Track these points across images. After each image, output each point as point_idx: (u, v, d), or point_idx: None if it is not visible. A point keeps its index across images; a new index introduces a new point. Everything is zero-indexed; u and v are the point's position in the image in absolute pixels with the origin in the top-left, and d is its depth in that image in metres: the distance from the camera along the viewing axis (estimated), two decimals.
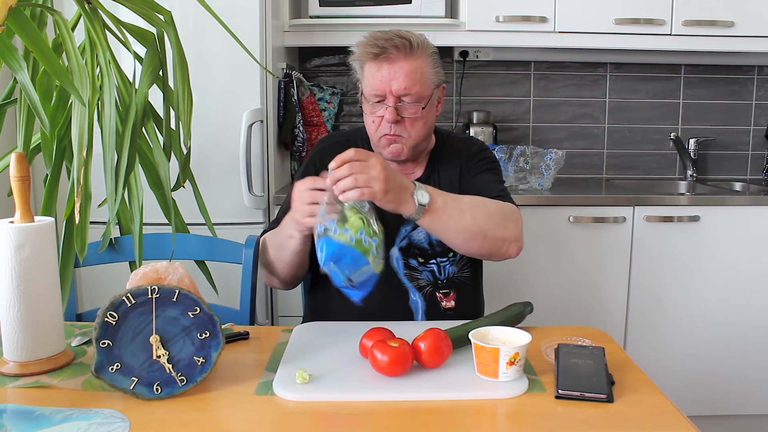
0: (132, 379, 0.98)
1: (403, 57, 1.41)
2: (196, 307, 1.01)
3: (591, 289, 2.37)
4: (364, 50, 1.43)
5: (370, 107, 1.45)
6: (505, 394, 1.00)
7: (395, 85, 1.40)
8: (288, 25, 2.51)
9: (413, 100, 1.42)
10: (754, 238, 2.36)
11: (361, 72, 1.47)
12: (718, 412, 2.44)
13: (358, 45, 1.46)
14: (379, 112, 1.44)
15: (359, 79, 1.50)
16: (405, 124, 1.44)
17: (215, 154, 2.16)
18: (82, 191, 1.31)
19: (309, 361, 1.10)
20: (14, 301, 1.05)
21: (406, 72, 1.40)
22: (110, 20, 1.44)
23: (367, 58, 1.43)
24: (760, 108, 2.94)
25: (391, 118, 1.41)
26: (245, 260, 1.58)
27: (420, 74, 1.42)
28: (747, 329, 2.40)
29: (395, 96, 1.41)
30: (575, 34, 2.50)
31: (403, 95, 1.41)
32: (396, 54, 1.40)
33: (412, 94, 1.41)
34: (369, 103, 1.45)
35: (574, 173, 2.94)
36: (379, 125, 1.45)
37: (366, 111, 1.47)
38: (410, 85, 1.41)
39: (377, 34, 1.44)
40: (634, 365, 1.13)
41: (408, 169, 1.54)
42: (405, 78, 1.40)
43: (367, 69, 1.44)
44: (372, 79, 1.42)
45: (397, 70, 1.40)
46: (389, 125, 1.43)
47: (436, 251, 1.48)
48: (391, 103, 1.41)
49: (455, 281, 1.49)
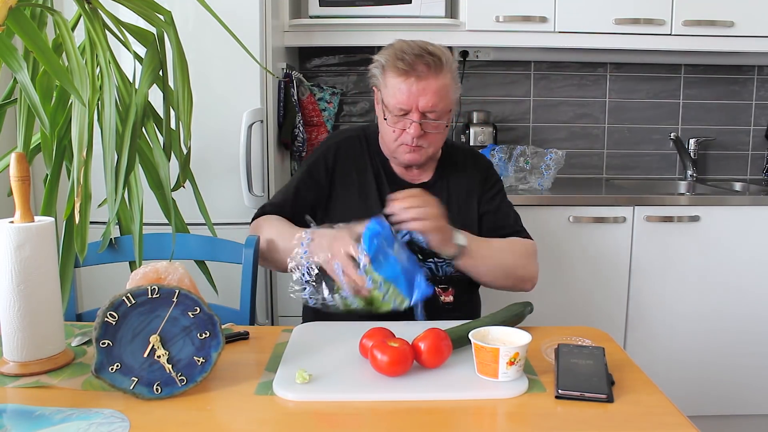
0: (132, 379, 0.98)
1: (432, 75, 1.41)
2: (196, 307, 1.01)
3: (591, 289, 2.37)
4: (393, 64, 1.42)
5: (393, 119, 1.45)
6: (505, 394, 1.00)
7: (422, 102, 1.41)
8: (288, 25, 2.50)
9: (437, 117, 1.44)
10: (754, 238, 2.36)
11: (383, 80, 1.46)
12: (718, 412, 2.44)
13: (385, 55, 1.45)
14: (401, 125, 1.45)
15: (378, 85, 1.49)
16: (426, 137, 1.46)
17: (215, 154, 2.16)
18: (82, 191, 1.31)
19: (309, 361, 1.10)
20: (14, 301, 1.05)
21: (434, 90, 1.41)
22: (110, 20, 1.44)
23: (394, 71, 1.43)
24: (760, 108, 2.94)
25: (417, 133, 1.43)
26: (245, 260, 1.58)
27: (446, 91, 1.43)
28: (747, 329, 2.40)
29: (420, 112, 1.42)
30: (575, 34, 2.50)
31: (428, 111, 1.43)
32: (426, 72, 1.40)
33: (438, 111, 1.43)
34: (392, 114, 1.45)
35: (574, 173, 2.94)
36: (399, 135, 1.46)
37: (385, 120, 1.48)
38: (437, 103, 1.42)
39: (405, 46, 1.43)
40: (634, 365, 1.13)
41: (415, 174, 1.57)
42: (433, 96, 1.41)
43: (393, 81, 1.43)
44: (398, 93, 1.42)
45: (425, 87, 1.41)
46: (412, 138, 1.44)
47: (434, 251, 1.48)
48: (417, 119, 1.42)
49: (453, 279, 1.52)
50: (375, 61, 1.49)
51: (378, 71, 1.48)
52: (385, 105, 1.47)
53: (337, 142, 1.61)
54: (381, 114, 1.50)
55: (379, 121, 1.53)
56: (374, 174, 1.57)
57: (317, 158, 1.58)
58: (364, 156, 1.59)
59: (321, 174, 1.56)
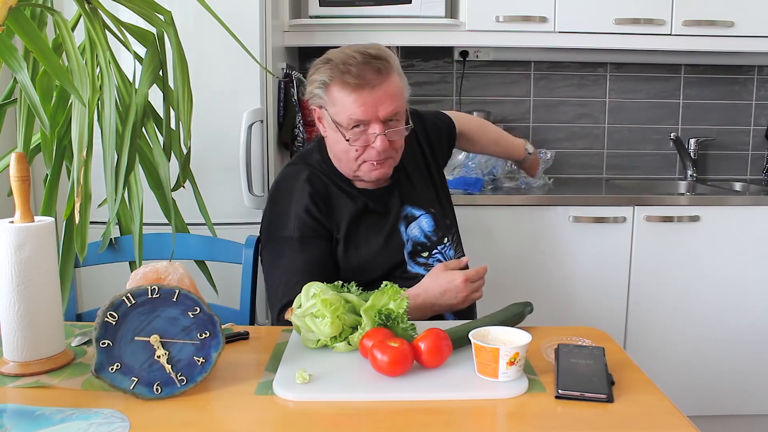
0: (132, 379, 0.98)
1: (385, 79, 1.32)
2: (196, 307, 1.01)
3: (591, 289, 2.37)
4: (339, 79, 1.31)
5: (353, 137, 1.34)
6: (505, 394, 1.00)
7: (383, 111, 1.32)
8: (288, 25, 2.51)
9: (399, 120, 1.36)
10: (754, 238, 2.36)
11: (328, 98, 1.35)
12: (718, 412, 2.44)
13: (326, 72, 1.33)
14: (362, 141, 1.35)
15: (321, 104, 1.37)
16: (392, 145, 1.38)
17: (215, 154, 2.15)
18: (82, 191, 1.31)
19: (309, 361, 1.10)
20: (14, 301, 1.05)
21: (390, 95, 1.32)
22: (110, 20, 1.44)
23: (342, 87, 1.32)
24: (760, 108, 2.94)
25: (384, 146, 1.34)
26: (245, 260, 1.58)
27: (400, 92, 1.35)
28: (747, 329, 2.40)
29: (382, 122, 1.33)
30: (575, 34, 2.50)
31: (390, 119, 1.34)
32: (377, 78, 1.31)
33: (398, 114, 1.35)
34: (349, 130, 1.34)
35: (574, 173, 2.94)
36: (362, 153, 1.37)
37: (339, 139, 1.36)
38: (397, 106, 1.34)
39: (345, 57, 1.31)
40: (634, 365, 1.13)
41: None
42: (391, 101, 1.33)
43: (342, 97, 1.32)
44: (352, 107, 1.31)
45: (381, 95, 1.31)
46: (378, 153, 1.35)
47: (434, 241, 1.51)
48: (380, 130, 1.33)
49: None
50: (313, 81, 1.36)
51: (320, 90, 1.35)
52: (337, 123, 1.35)
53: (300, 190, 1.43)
54: (335, 134, 1.37)
55: (331, 142, 1.41)
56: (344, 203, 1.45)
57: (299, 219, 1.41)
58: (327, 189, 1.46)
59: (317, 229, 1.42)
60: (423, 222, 1.51)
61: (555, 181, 2.68)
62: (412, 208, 1.51)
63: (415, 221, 1.51)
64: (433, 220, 1.52)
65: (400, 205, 1.50)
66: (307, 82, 1.39)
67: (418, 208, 1.52)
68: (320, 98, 1.37)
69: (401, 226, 1.50)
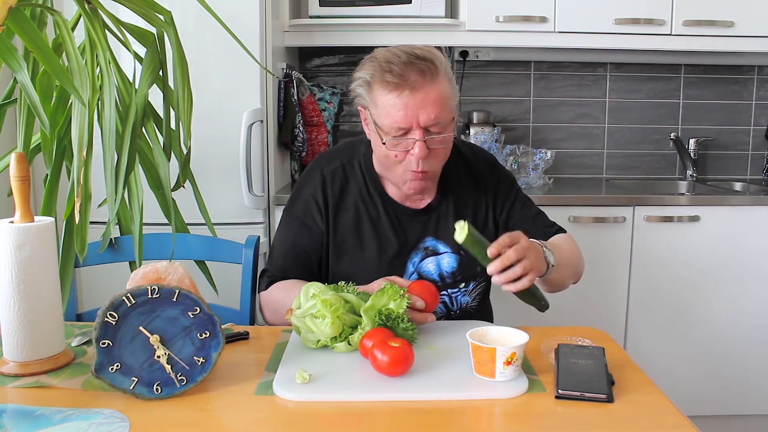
0: (132, 379, 0.98)
1: (428, 83, 1.22)
2: (196, 307, 1.01)
3: (591, 289, 2.37)
4: (380, 78, 1.24)
5: (392, 141, 1.26)
6: (506, 394, 1.00)
7: (423, 117, 1.23)
8: (288, 25, 2.51)
9: (442, 129, 1.26)
10: (754, 238, 2.36)
11: (370, 98, 1.28)
12: (718, 412, 2.44)
13: (369, 70, 1.27)
14: (402, 146, 1.26)
15: (365, 105, 1.31)
16: (432, 155, 1.28)
17: (215, 154, 2.16)
18: (82, 191, 1.31)
19: (309, 361, 1.10)
20: (14, 301, 1.05)
21: (432, 99, 1.23)
22: (110, 20, 1.44)
23: (383, 87, 1.24)
24: (760, 108, 2.94)
25: (423, 154, 1.25)
26: (245, 260, 1.58)
27: (445, 98, 1.25)
28: (747, 329, 2.40)
29: (422, 128, 1.24)
30: (575, 34, 2.50)
31: (431, 125, 1.24)
32: (420, 80, 1.22)
33: (442, 122, 1.25)
34: (389, 136, 1.26)
35: (574, 173, 2.94)
36: (402, 159, 1.28)
37: (381, 144, 1.28)
38: (439, 113, 1.24)
39: (389, 55, 1.25)
40: (634, 365, 1.13)
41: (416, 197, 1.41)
42: (433, 106, 1.23)
43: (382, 98, 1.24)
44: (392, 111, 1.23)
45: (422, 99, 1.22)
46: (417, 161, 1.26)
47: (447, 283, 1.41)
48: (420, 137, 1.24)
49: (468, 310, 1.45)
50: (356, 78, 1.30)
51: (363, 89, 1.29)
52: (378, 126, 1.27)
53: (321, 176, 1.42)
54: (375, 137, 1.30)
55: (374, 144, 1.34)
56: (369, 205, 1.41)
57: (306, 203, 1.41)
58: (354, 186, 1.42)
59: (315, 219, 1.41)
60: (445, 260, 1.41)
61: (555, 181, 2.68)
62: (437, 242, 1.42)
63: (434, 257, 1.41)
64: (457, 263, 1.41)
65: (422, 233, 1.41)
66: (352, 78, 1.33)
67: (446, 244, 1.41)
68: (363, 98, 1.30)
69: (414, 255, 1.41)
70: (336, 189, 1.42)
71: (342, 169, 1.43)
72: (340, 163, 1.44)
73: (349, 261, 1.41)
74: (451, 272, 1.42)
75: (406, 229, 1.41)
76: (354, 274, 1.33)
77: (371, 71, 1.26)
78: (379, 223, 1.41)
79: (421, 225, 1.42)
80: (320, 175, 1.43)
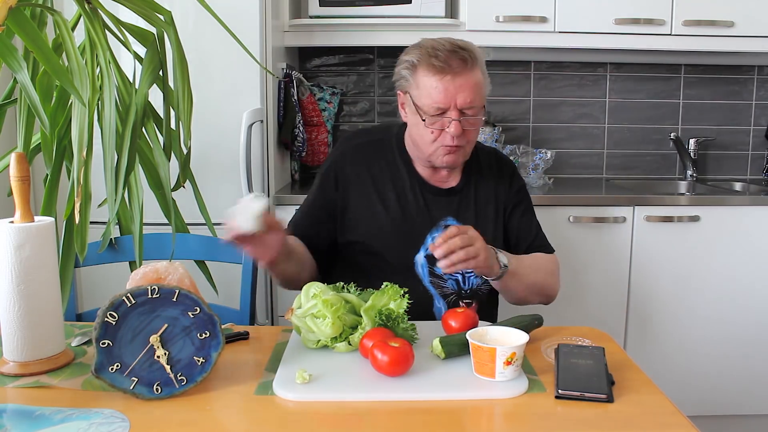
0: (132, 379, 0.98)
1: (468, 70, 1.40)
2: (196, 307, 1.01)
3: (591, 289, 2.37)
4: (426, 62, 1.39)
5: (430, 119, 1.41)
6: (506, 394, 1.00)
7: (460, 99, 1.39)
8: (288, 25, 2.50)
9: (475, 113, 1.42)
10: (754, 238, 2.36)
11: (414, 81, 1.43)
12: (718, 412, 2.44)
13: (415, 54, 1.42)
14: (439, 124, 1.41)
15: (405, 87, 1.46)
16: (465, 135, 1.43)
17: (215, 154, 2.16)
18: (82, 191, 1.31)
19: (309, 362, 1.10)
20: (14, 301, 1.05)
21: (470, 85, 1.40)
22: (110, 20, 1.44)
23: (428, 70, 1.40)
24: (760, 108, 2.94)
25: (458, 131, 1.40)
26: (245, 260, 1.58)
27: (480, 86, 1.43)
28: (747, 329, 2.40)
29: (459, 109, 1.40)
30: (575, 34, 2.50)
31: (466, 108, 1.40)
32: (461, 67, 1.38)
33: (475, 106, 1.41)
34: (429, 115, 1.41)
35: (574, 173, 2.94)
36: (438, 136, 1.43)
37: (418, 122, 1.43)
38: (474, 98, 1.40)
39: (435, 44, 1.41)
40: (634, 365, 1.13)
41: (442, 177, 1.53)
42: (470, 92, 1.40)
43: (427, 80, 1.40)
44: (434, 92, 1.39)
45: (462, 84, 1.39)
46: (452, 137, 1.41)
47: None
48: (456, 116, 1.39)
49: (477, 292, 1.49)
50: (403, 61, 1.45)
51: (408, 72, 1.44)
52: (418, 106, 1.43)
53: (349, 147, 1.57)
54: (414, 116, 1.45)
55: (411, 124, 1.49)
56: (396, 180, 1.53)
57: (329, 168, 1.55)
58: (382, 161, 1.55)
59: (331, 186, 1.53)
60: None
61: (555, 181, 2.68)
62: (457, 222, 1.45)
63: None
64: None
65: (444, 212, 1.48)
66: (397, 62, 1.47)
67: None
68: (406, 80, 1.44)
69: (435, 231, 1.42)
70: (358, 163, 1.54)
71: (371, 144, 1.57)
72: (371, 138, 1.60)
73: (366, 229, 1.49)
74: None
75: (429, 206, 1.52)
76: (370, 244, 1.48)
77: (417, 56, 1.41)
78: (404, 195, 1.52)
79: (444, 205, 1.52)
80: (347, 146, 1.58)
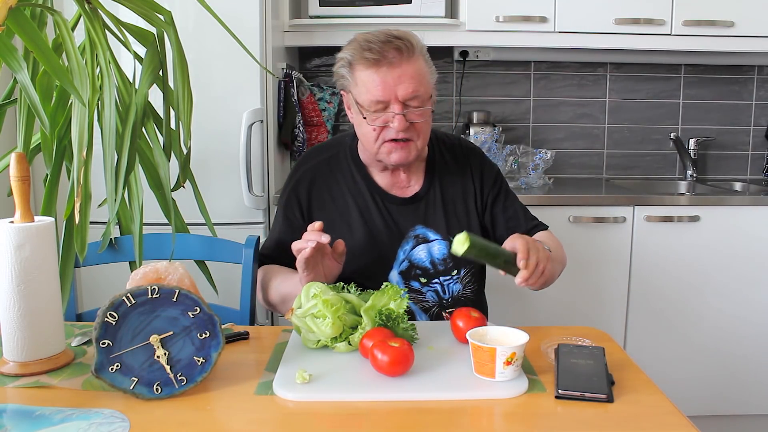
0: (132, 379, 0.98)
1: (405, 60, 1.32)
2: (196, 307, 1.01)
3: (591, 289, 2.37)
4: (360, 56, 1.33)
5: (372, 116, 1.34)
6: (506, 394, 1.00)
7: (401, 91, 1.31)
8: (288, 25, 2.51)
9: (420, 103, 1.34)
10: (754, 238, 2.36)
11: (352, 78, 1.36)
12: (718, 412, 2.44)
13: (349, 50, 1.35)
14: (381, 120, 1.34)
15: (347, 86, 1.38)
16: (412, 129, 1.36)
17: (215, 154, 2.16)
18: (82, 191, 1.31)
19: (309, 361, 1.10)
20: (14, 301, 1.05)
21: (410, 75, 1.32)
22: (110, 20, 1.44)
23: (363, 65, 1.33)
24: (760, 108, 2.94)
25: (402, 126, 1.33)
26: (245, 260, 1.58)
27: (422, 75, 1.34)
28: (747, 329, 2.40)
29: (401, 102, 1.32)
30: (575, 34, 2.50)
31: (409, 99, 1.33)
32: (398, 57, 1.31)
33: (419, 96, 1.33)
34: (370, 111, 1.34)
35: (574, 173, 2.94)
36: (380, 133, 1.36)
37: (361, 121, 1.37)
38: (416, 87, 1.32)
39: (369, 36, 1.34)
40: (634, 365, 1.13)
41: (403, 181, 1.47)
42: (410, 81, 1.32)
43: (363, 76, 1.33)
44: (372, 86, 1.32)
45: (400, 74, 1.31)
46: (396, 131, 1.34)
47: (439, 270, 1.45)
48: (399, 110, 1.32)
49: (460, 299, 1.46)
50: (339, 59, 1.38)
51: (345, 70, 1.36)
52: (359, 104, 1.35)
53: (304, 172, 1.50)
54: (358, 116, 1.38)
55: (356, 124, 1.41)
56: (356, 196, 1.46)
57: (288, 198, 1.49)
58: (340, 178, 1.48)
59: (296, 217, 1.48)
60: (435, 247, 1.45)
61: (555, 181, 2.68)
62: (427, 230, 1.46)
63: (425, 244, 1.45)
64: (447, 249, 1.44)
65: (411, 222, 1.45)
66: (335, 61, 1.41)
67: (436, 232, 1.46)
68: (345, 79, 1.38)
69: (405, 243, 1.45)
70: (317, 186, 1.48)
71: (325, 163, 1.50)
72: (323, 156, 1.51)
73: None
74: (443, 259, 1.45)
75: (395, 218, 1.46)
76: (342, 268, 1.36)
77: (352, 51, 1.35)
78: (368, 212, 1.46)
79: (410, 214, 1.47)
80: (302, 172, 1.50)
